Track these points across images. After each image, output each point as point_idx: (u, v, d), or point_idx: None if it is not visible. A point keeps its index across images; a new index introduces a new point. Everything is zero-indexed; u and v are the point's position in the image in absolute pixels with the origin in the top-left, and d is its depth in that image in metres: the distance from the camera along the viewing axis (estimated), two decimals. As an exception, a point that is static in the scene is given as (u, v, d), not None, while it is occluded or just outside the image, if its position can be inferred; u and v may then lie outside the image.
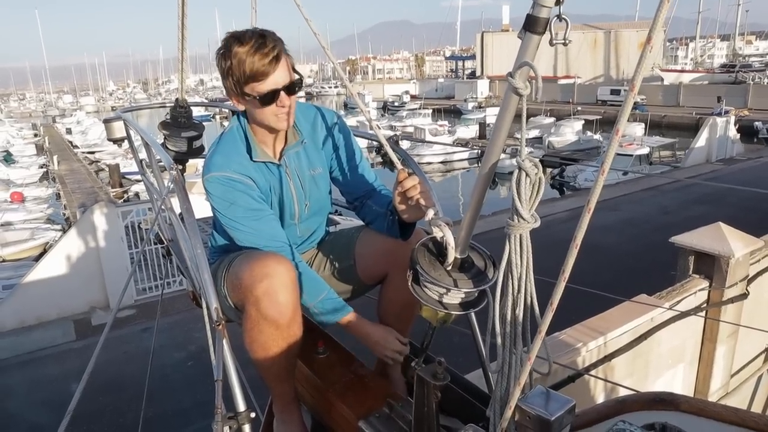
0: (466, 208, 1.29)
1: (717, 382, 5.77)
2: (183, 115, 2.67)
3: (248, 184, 1.66)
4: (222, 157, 1.68)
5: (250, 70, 1.54)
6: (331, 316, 1.69)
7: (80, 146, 36.30)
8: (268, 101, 1.59)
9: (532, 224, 1.08)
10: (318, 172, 1.83)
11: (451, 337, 2.68)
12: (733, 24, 64.57)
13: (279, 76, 1.57)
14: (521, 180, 1.06)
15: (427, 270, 1.31)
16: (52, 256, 8.01)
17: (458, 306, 1.34)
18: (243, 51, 1.53)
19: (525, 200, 1.07)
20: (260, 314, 1.53)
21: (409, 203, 1.55)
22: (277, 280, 1.52)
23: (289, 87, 1.60)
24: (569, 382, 4.29)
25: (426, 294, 1.33)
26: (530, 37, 1.00)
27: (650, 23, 0.71)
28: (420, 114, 40.45)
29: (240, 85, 1.57)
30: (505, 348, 1.17)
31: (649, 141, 25.03)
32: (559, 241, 0.74)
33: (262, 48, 1.53)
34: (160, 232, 2.64)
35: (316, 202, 1.86)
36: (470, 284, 1.31)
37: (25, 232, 17.21)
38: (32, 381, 6.44)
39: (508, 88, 1.04)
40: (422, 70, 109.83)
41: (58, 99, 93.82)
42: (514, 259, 1.11)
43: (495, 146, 1.15)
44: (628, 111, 0.72)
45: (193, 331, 6.99)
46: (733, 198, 12.20)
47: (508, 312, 1.14)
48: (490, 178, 1.20)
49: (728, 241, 5.33)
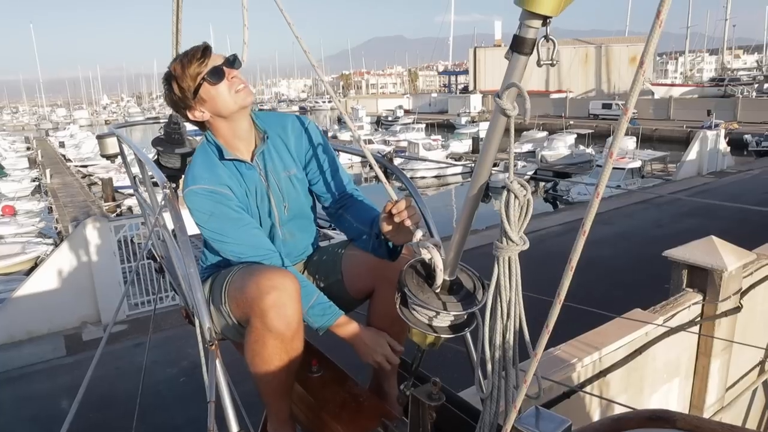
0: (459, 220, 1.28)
1: (712, 396, 5.76)
2: (177, 131, 2.66)
3: (225, 194, 1.69)
4: (197, 170, 1.72)
5: (190, 70, 1.67)
6: (323, 320, 1.68)
7: (73, 160, 36.20)
8: (218, 77, 1.68)
9: (520, 246, 1.08)
10: (293, 173, 1.84)
11: (445, 353, 2.67)
12: (721, 38, 65.62)
13: (214, 58, 1.69)
14: (510, 202, 1.05)
15: (415, 292, 1.29)
16: (43, 270, 7.93)
17: (447, 329, 1.31)
18: (176, 64, 1.69)
19: (513, 222, 1.06)
20: (266, 327, 1.53)
21: (397, 228, 1.55)
22: (285, 293, 1.52)
23: (228, 61, 1.71)
24: (564, 398, 4.26)
25: (414, 317, 1.31)
26: (518, 57, 1.00)
27: (640, 38, 0.72)
28: (413, 129, 40.65)
29: (189, 91, 1.68)
30: (494, 372, 1.16)
31: (641, 154, 25.23)
32: (553, 254, 0.74)
33: (188, 53, 1.69)
34: (153, 249, 2.62)
35: (294, 203, 1.86)
36: (459, 307, 1.29)
37: (16, 246, 17.04)
38: (22, 397, 6.34)
39: (496, 109, 1.04)
40: (415, 84, 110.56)
41: (51, 112, 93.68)
42: (503, 282, 1.10)
43: (483, 167, 1.14)
44: (622, 133, 0.73)
45: (185, 347, 6.92)
46: (725, 211, 12.26)
47: (497, 336, 1.13)
48: (479, 199, 1.19)
49: (721, 254, 5.35)
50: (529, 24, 0.96)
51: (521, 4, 0.93)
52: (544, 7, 0.92)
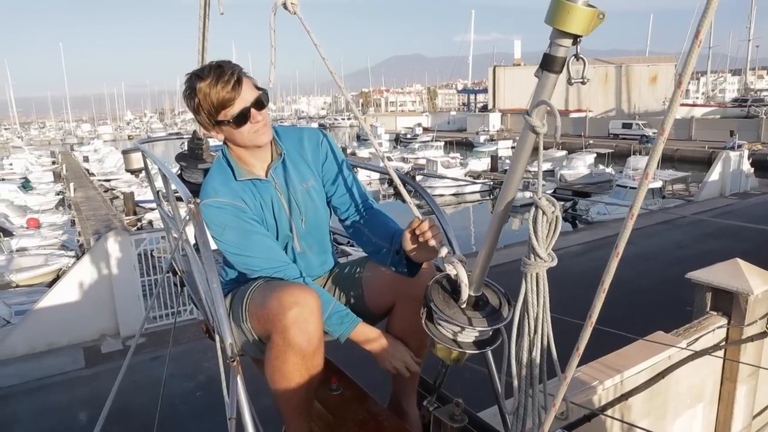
0: (478, 241, 1.28)
1: (738, 424, 5.60)
2: (200, 146, 2.69)
3: (239, 207, 1.70)
4: (213, 184, 1.73)
5: (217, 99, 1.63)
6: (342, 328, 1.67)
7: (96, 174, 36.85)
8: (242, 121, 1.66)
9: (549, 263, 1.07)
10: (311, 185, 1.85)
11: (463, 372, 2.63)
12: (744, 59, 64.94)
13: (245, 96, 1.65)
14: (538, 218, 1.04)
15: (441, 308, 1.29)
16: (64, 282, 8.04)
17: (472, 344, 1.32)
18: (206, 85, 1.62)
19: (542, 239, 1.05)
20: (287, 343, 1.53)
21: (420, 246, 1.55)
22: (307, 309, 1.52)
23: (257, 102, 1.68)
24: (585, 421, 4.18)
25: (440, 332, 1.32)
26: (547, 75, 1.01)
27: (661, 58, 0.71)
28: (432, 146, 40.73)
29: (212, 116, 1.66)
30: (521, 390, 1.14)
31: (662, 174, 24.91)
32: (573, 274, 0.73)
33: (222, 77, 1.62)
34: (174, 264, 2.64)
35: (312, 215, 1.86)
36: (485, 323, 1.29)
37: (39, 258, 17.32)
38: (40, 409, 6.39)
39: (525, 126, 1.03)
40: (434, 103, 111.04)
41: (76, 127, 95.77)
42: (531, 299, 1.09)
43: (511, 184, 1.14)
44: (658, 155, 0.71)
45: (202, 361, 6.94)
46: (749, 232, 12.01)
47: (524, 353, 1.11)
48: (506, 216, 1.19)
49: (746, 277, 5.23)
50: (559, 43, 0.96)
51: (552, 23, 0.93)
52: (575, 26, 0.92)
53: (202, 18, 2.36)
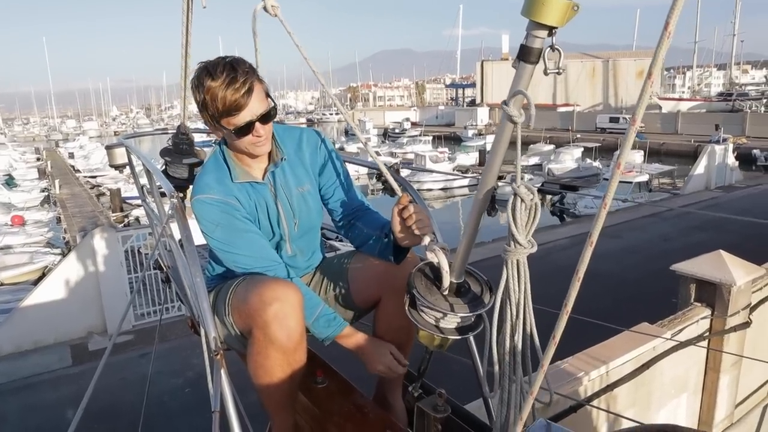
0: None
1: (722, 413, 5.68)
2: (185, 141, 2.68)
3: (232, 204, 1.69)
4: (207, 179, 1.71)
5: (223, 105, 1.55)
6: (328, 331, 1.68)
7: (82, 170, 36.45)
8: (244, 133, 1.62)
9: (528, 249, 1.09)
10: (306, 189, 1.84)
11: (450, 365, 2.65)
12: (729, 53, 65.54)
13: (253, 107, 1.59)
14: (517, 206, 1.07)
15: (423, 294, 1.32)
16: (50, 280, 7.97)
17: (455, 330, 1.34)
18: (215, 86, 1.54)
19: (521, 226, 1.07)
20: (268, 338, 1.52)
21: (407, 228, 1.56)
22: (287, 304, 1.52)
23: (264, 116, 1.62)
24: (571, 412, 4.22)
25: (423, 318, 1.34)
26: (524, 66, 1.02)
27: (648, 52, 0.72)
28: (420, 141, 40.71)
29: (215, 118, 1.60)
30: (504, 375, 1.16)
31: (649, 168, 25.15)
32: (560, 268, 0.74)
33: (233, 83, 1.54)
34: (160, 259, 2.63)
35: (306, 219, 1.85)
36: (466, 309, 1.32)
37: (24, 256, 17.15)
38: (27, 407, 6.34)
39: (503, 116, 1.06)
40: (423, 97, 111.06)
41: (61, 123, 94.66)
42: (512, 285, 1.11)
43: (491, 173, 1.17)
44: (630, 145, 0.73)
45: (190, 358, 6.91)
46: (734, 225, 12.18)
47: (507, 338, 1.13)
48: (486, 203, 1.21)
49: (730, 269, 5.30)
50: (535, 34, 0.99)
51: (528, 14, 0.95)
52: (550, 18, 0.94)
53: (185, 11, 2.34)
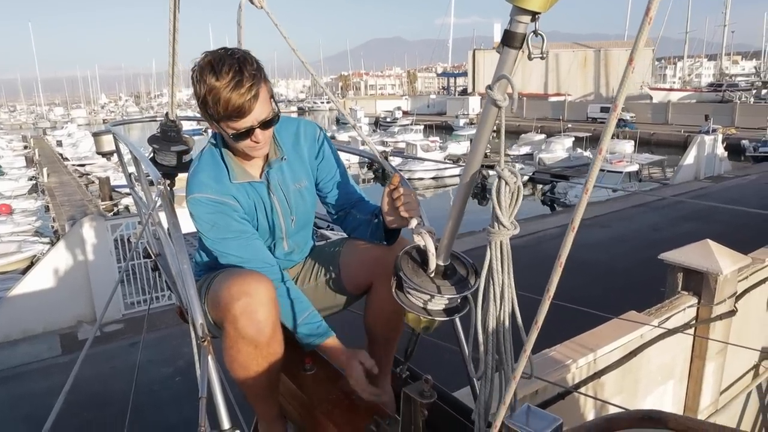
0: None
1: (707, 399, 5.77)
2: (173, 129, 2.66)
3: (231, 205, 1.66)
4: (203, 177, 1.66)
5: (225, 110, 1.48)
6: (311, 339, 1.68)
7: (71, 159, 36.11)
8: (242, 138, 1.57)
9: (511, 231, 1.10)
10: (303, 185, 1.82)
11: (442, 354, 2.67)
12: (720, 44, 65.85)
13: (256, 113, 1.52)
14: (501, 188, 1.08)
15: (410, 276, 1.33)
16: (39, 269, 7.92)
17: (441, 312, 1.36)
18: (219, 86, 1.46)
19: (505, 208, 1.09)
20: (238, 333, 1.51)
21: (396, 209, 1.57)
22: (255, 299, 1.50)
23: (265, 123, 1.57)
24: (559, 399, 4.27)
25: (409, 300, 1.36)
26: (508, 51, 1.03)
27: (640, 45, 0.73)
28: (412, 130, 40.65)
29: (215, 118, 1.55)
30: (488, 354, 1.17)
31: (639, 158, 25.29)
32: (550, 257, 0.75)
33: (239, 87, 1.46)
34: (148, 247, 2.62)
35: (302, 215, 1.85)
36: (453, 290, 1.33)
37: (12, 245, 17.00)
38: (16, 396, 6.32)
39: (487, 101, 1.07)
40: (414, 86, 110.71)
41: (49, 111, 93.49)
42: (495, 266, 1.12)
43: (475, 156, 1.18)
44: (611, 130, 0.73)
45: (181, 346, 6.91)
46: (722, 215, 12.30)
47: (490, 318, 1.14)
48: (471, 187, 1.23)
49: (716, 258, 5.36)
50: (518, 19, 0.99)
51: (511, 0, 0.95)
52: (533, 3, 0.95)
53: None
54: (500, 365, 1.18)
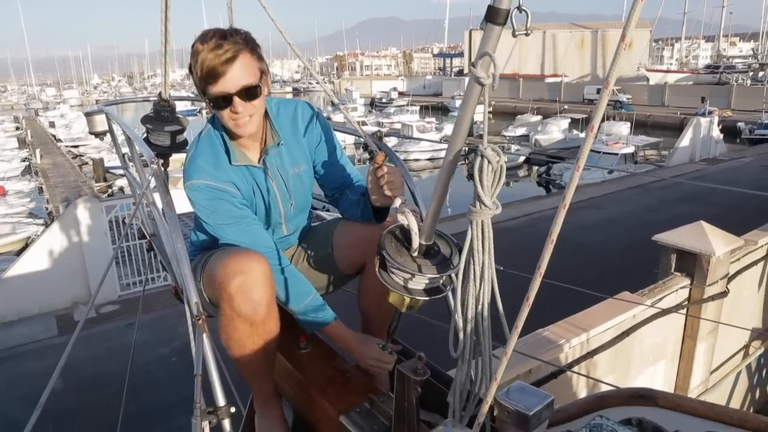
0: (454, 205, 1.32)
1: (697, 379, 5.86)
2: (166, 108, 2.63)
3: (230, 191, 1.66)
4: (202, 163, 1.66)
5: (204, 69, 1.52)
6: (314, 325, 1.70)
7: (64, 140, 35.80)
8: (219, 106, 1.57)
9: (493, 210, 1.10)
10: (302, 169, 1.83)
11: (437, 333, 2.68)
12: (718, 25, 65.50)
13: (232, 78, 1.53)
14: (483, 167, 1.07)
15: (393, 256, 1.33)
16: (34, 250, 7.90)
17: (423, 291, 1.36)
18: (202, 49, 1.51)
19: (487, 187, 1.08)
20: (234, 311, 1.53)
21: (380, 188, 1.57)
22: (251, 277, 1.51)
23: (244, 92, 1.56)
24: (551, 378, 4.33)
25: (392, 279, 1.36)
26: (491, 28, 1.01)
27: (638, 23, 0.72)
28: (407, 111, 40.47)
29: (199, 84, 1.57)
30: (466, 335, 1.17)
31: (635, 140, 25.29)
32: (544, 238, 0.75)
33: (218, 48, 1.50)
34: (143, 227, 2.62)
35: (301, 199, 1.86)
36: (435, 270, 1.33)
37: (6, 226, 16.94)
38: (12, 377, 6.35)
39: (471, 78, 1.05)
40: (410, 67, 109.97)
41: (41, 92, 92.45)
42: (476, 246, 1.11)
43: (459, 134, 1.17)
44: (603, 107, 0.73)
45: (177, 327, 6.93)
46: (717, 197, 12.34)
47: (470, 298, 1.14)
48: (455, 166, 1.21)
49: (709, 239, 5.40)
50: None
51: None
52: None
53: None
54: (477, 345, 1.19)
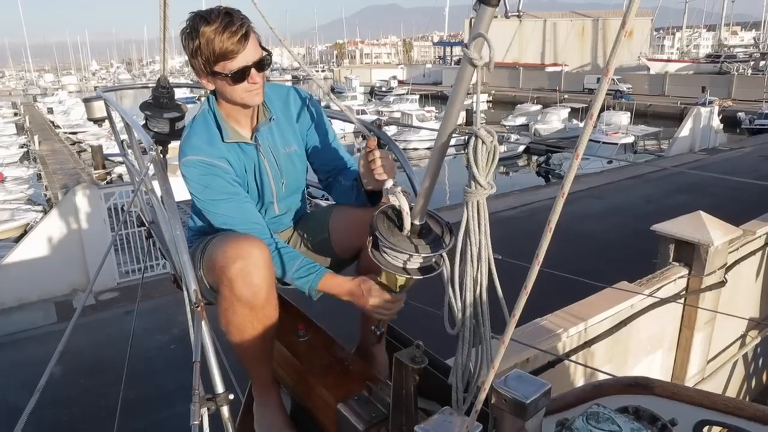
0: (453, 195, 1.31)
1: (694, 368, 5.89)
2: (165, 95, 2.62)
3: (223, 167, 1.68)
4: (196, 140, 1.68)
5: (220, 48, 1.54)
6: (308, 281, 1.64)
7: (62, 126, 35.67)
8: (240, 78, 1.61)
9: (488, 191, 1.10)
10: (293, 150, 1.84)
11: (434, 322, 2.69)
12: (719, 14, 65.13)
13: (249, 53, 1.58)
14: (478, 148, 1.07)
15: (385, 236, 1.34)
16: (33, 237, 7.90)
17: (416, 270, 1.38)
18: (210, 30, 1.53)
19: (482, 167, 1.08)
20: (234, 295, 1.54)
21: (371, 171, 1.59)
22: (251, 261, 1.52)
23: (259, 63, 1.62)
24: (549, 367, 4.35)
25: (385, 259, 1.37)
26: (484, 9, 1.02)
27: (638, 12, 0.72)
28: (407, 99, 40.31)
29: (210, 64, 1.59)
30: (465, 314, 1.17)
31: (634, 130, 25.25)
32: (543, 228, 0.74)
33: (230, 26, 1.54)
34: (141, 214, 2.61)
35: (293, 179, 1.87)
36: (428, 249, 1.35)
37: (5, 213, 16.92)
38: (12, 363, 6.37)
39: (464, 59, 1.05)
40: (410, 55, 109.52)
41: (39, 78, 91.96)
42: (472, 226, 1.11)
43: (451, 116, 1.17)
44: (602, 94, 0.73)
45: (176, 314, 6.95)
46: (716, 187, 12.34)
47: (468, 279, 1.14)
48: (446, 147, 1.22)
49: (708, 229, 5.41)
50: None
51: None
52: None
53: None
54: (477, 328, 1.19)
